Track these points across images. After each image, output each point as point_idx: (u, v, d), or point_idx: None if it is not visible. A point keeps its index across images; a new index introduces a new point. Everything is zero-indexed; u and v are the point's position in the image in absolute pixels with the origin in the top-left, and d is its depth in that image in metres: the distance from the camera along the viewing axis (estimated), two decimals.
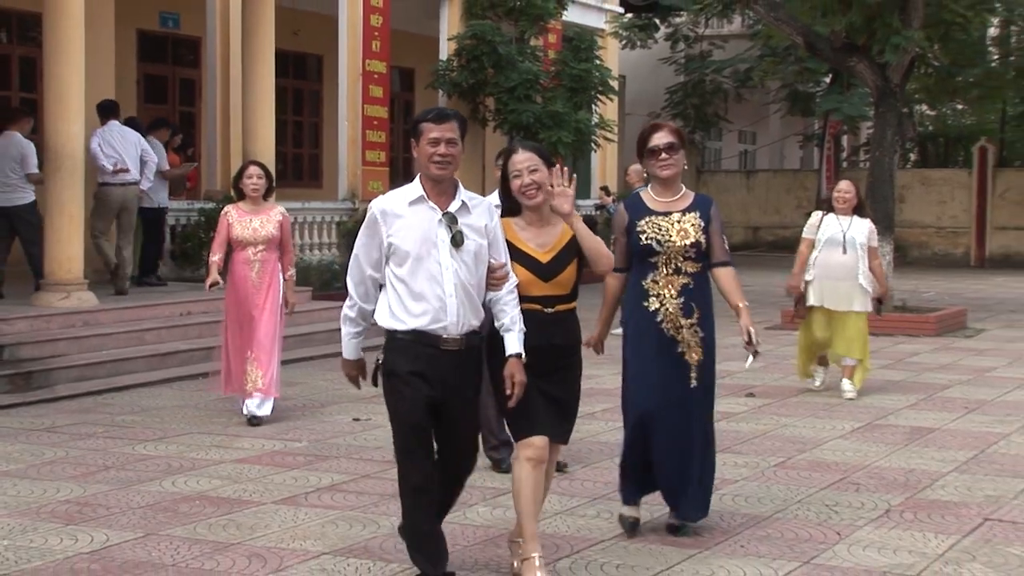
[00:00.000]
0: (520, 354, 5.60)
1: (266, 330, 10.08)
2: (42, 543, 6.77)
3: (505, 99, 21.89)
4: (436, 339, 5.53)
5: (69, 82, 13.21)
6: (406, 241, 5.53)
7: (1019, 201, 32.07)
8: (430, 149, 5.54)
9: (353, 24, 20.39)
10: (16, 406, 10.94)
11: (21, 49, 17.56)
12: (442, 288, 5.51)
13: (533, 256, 5.79)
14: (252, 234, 10.05)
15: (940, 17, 19.04)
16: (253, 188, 10.20)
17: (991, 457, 9.15)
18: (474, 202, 5.70)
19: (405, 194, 5.67)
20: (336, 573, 6.26)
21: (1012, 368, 13.92)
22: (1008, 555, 6.67)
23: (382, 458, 8.98)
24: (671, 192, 6.81)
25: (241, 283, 10.09)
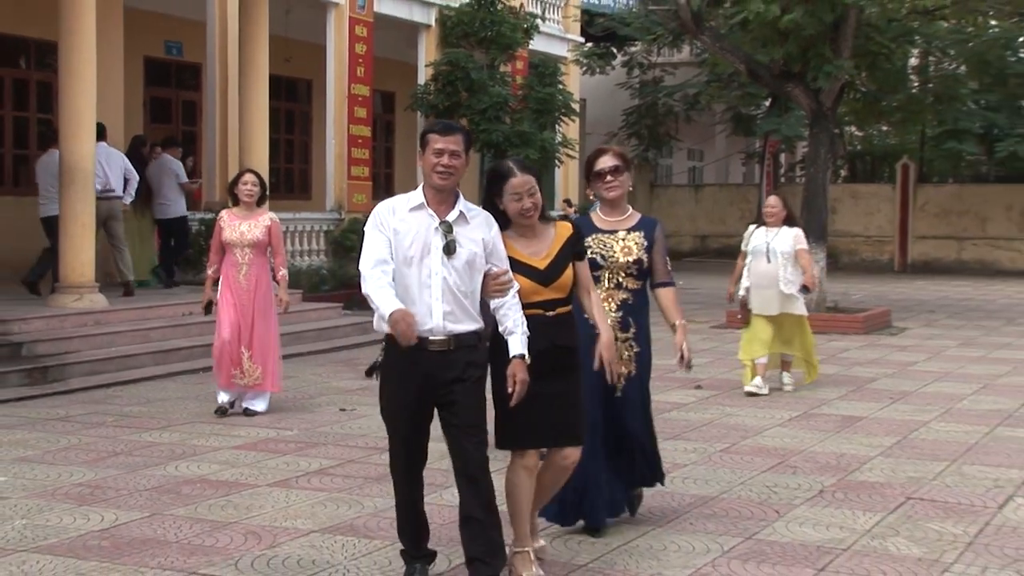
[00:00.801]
0: (523, 355, 5.36)
1: (259, 329, 9.93)
2: (57, 522, 6.75)
3: (477, 120, 21.87)
4: (422, 340, 5.26)
5: (82, 104, 13.19)
6: (403, 244, 5.36)
7: (937, 213, 32.28)
8: (434, 159, 5.33)
9: (340, 52, 20.43)
10: (33, 398, 10.91)
11: (38, 74, 17.50)
12: (430, 292, 5.32)
13: (530, 264, 5.57)
14: (239, 237, 9.86)
15: (867, 48, 19.14)
16: (247, 193, 10.01)
17: (912, 442, 9.20)
18: (472, 213, 5.45)
19: (408, 200, 5.50)
20: (324, 549, 6.25)
21: (931, 363, 14.01)
22: (927, 529, 6.72)
23: (366, 445, 8.98)
24: (618, 212, 6.62)
25: (231, 284, 9.92)
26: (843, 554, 6.25)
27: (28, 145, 17.24)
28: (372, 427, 9.70)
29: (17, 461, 8.33)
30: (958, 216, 32.10)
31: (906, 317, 19.22)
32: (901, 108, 24.56)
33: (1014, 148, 29.59)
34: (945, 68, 28.20)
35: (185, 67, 20.48)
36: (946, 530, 6.73)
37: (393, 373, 5.49)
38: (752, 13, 17.13)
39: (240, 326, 9.90)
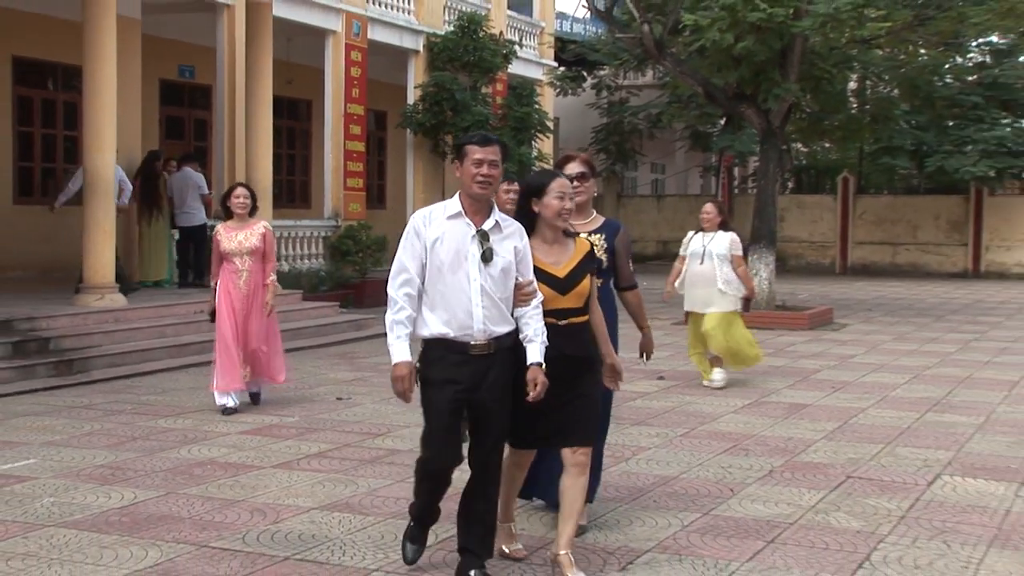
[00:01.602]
0: (540, 363, 5.09)
1: (257, 329, 9.68)
2: (82, 500, 6.74)
3: (461, 136, 21.84)
4: (464, 345, 5.03)
5: (103, 122, 13.17)
6: (441, 252, 5.07)
7: (874, 221, 32.41)
8: (474, 169, 5.05)
9: (336, 75, 20.40)
10: (60, 388, 10.88)
11: (65, 95, 17.45)
12: (469, 298, 5.03)
13: (550, 272, 5.29)
14: (237, 246, 9.59)
15: (811, 73, 19.21)
16: (240, 205, 9.71)
17: (852, 427, 9.25)
18: (506, 223, 5.19)
19: (444, 209, 5.20)
20: (323, 525, 6.25)
21: (869, 355, 14.07)
22: (865, 505, 6.76)
23: (361, 431, 8.97)
24: (582, 216, 6.24)
25: (230, 291, 9.63)
26: (790, 527, 6.28)
27: (55, 159, 17.17)
28: (366, 414, 9.70)
29: (45, 445, 8.30)
30: (892, 224, 32.24)
31: (847, 315, 19.30)
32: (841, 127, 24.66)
33: (941, 163, 29.74)
34: (880, 92, 28.34)
35: (197, 88, 20.42)
36: (881, 505, 6.77)
37: (438, 377, 5.12)
38: (709, 41, 17.18)
39: (239, 332, 9.60)
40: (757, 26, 16.91)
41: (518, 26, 26.36)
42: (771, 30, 17.11)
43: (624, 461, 7.88)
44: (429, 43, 22.56)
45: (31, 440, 8.49)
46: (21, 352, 11.42)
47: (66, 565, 5.51)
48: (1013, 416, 9.88)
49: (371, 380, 11.59)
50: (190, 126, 20.71)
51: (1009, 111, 30.74)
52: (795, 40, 17.80)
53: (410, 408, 9.83)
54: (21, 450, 8.14)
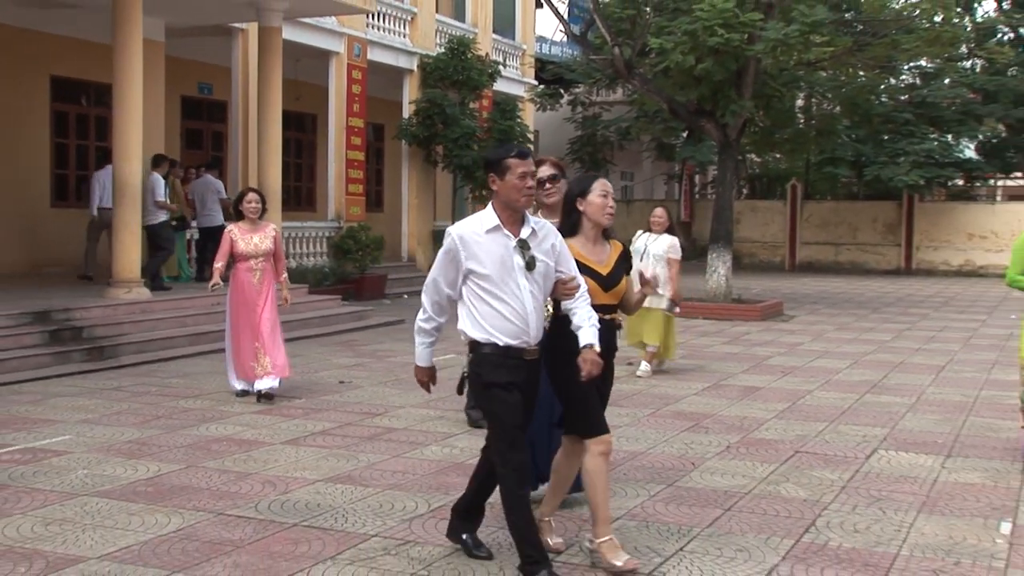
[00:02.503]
0: (593, 344, 4.79)
1: (269, 325, 9.41)
2: (112, 472, 6.73)
3: (451, 147, 21.90)
4: (521, 351, 4.73)
5: (131, 134, 13.11)
6: (486, 265, 4.70)
7: (819, 224, 32.52)
8: (519, 182, 4.71)
9: (339, 92, 20.37)
10: (92, 372, 10.86)
11: (96, 110, 17.36)
12: (523, 307, 4.71)
13: (596, 270, 5.08)
14: (253, 248, 9.30)
15: (764, 91, 19.27)
16: (252, 210, 9.36)
17: (800, 407, 9.28)
18: (539, 226, 4.87)
19: (481, 223, 4.79)
20: (328, 495, 6.24)
21: (815, 343, 14.13)
22: (811, 476, 6.79)
23: (360, 411, 8.97)
24: (555, 215, 5.83)
25: (246, 288, 9.35)
26: (745, 497, 6.31)
27: (88, 167, 17.12)
28: (366, 396, 9.70)
29: (79, 423, 8.28)
30: (835, 226, 32.35)
31: (795, 307, 19.37)
32: (790, 140, 24.72)
33: (877, 173, 29.88)
34: (824, 109, 28.42)
35: (214, 104, 20.34)
36: (825, 477, 6.80)
37: (503, 380, 4.72)
38: (672, 62, 17.22)
39: (253, 326, 9.33)
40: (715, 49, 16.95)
41: (502, 48, 26.34)
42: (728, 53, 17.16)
43: None
44: (422, 63, 22.53)
45: (67, 418, 8.47)
46: (58, 340, 11.38)
47: (98, 530, 5.51)
48: (940, 397, 9.94)
49: (370, 366, 11.59)
50: (208, 138, 20.63)
51: (936, 127, 30.92)
52: (749, 62, 17.85)
53: (405, 390, 9.89)
54: (58, 427, 8.12)
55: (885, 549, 5.35)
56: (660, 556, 5.20)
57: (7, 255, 15.41)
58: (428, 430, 8.17)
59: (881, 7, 20.29)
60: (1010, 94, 30.81)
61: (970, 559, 5.23)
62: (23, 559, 5.07)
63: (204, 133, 20.61)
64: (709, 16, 16.59)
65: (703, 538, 5.50)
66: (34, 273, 16.08)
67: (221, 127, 20.13)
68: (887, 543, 5.45)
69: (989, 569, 5.09)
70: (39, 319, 11.55)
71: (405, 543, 5.35)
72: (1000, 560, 5.22)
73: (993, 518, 5.94)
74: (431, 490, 6.35)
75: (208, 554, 5.15)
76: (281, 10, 15.75)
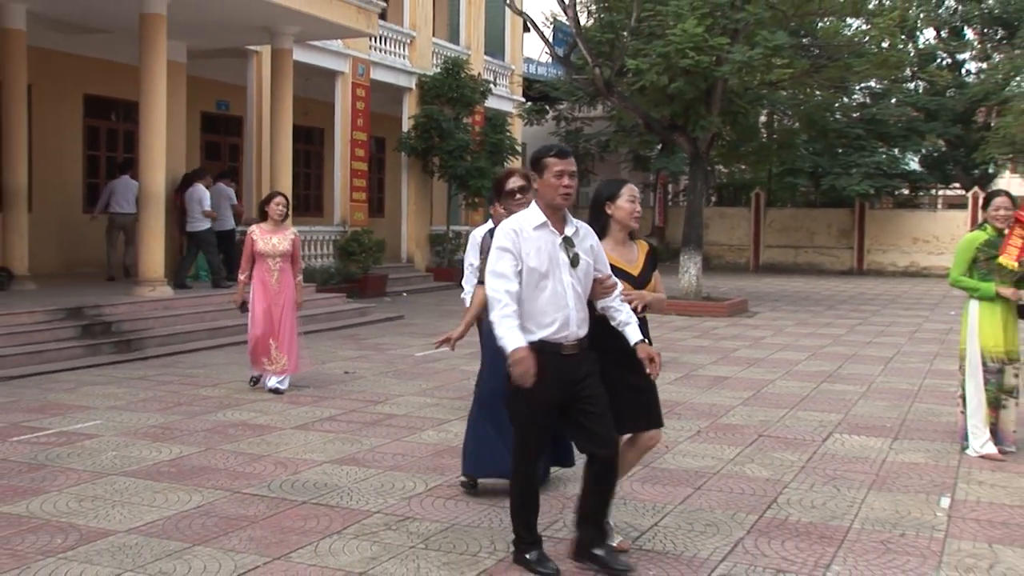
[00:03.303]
0: (644, 339, 4.58)
1: (285, 324, 9.15)
2: (138, 454, 6.72)
3: (446, 158, 21.88)
4: (558, 346, 4.38)
5: (156, 147, 13.07)
6: (534, 260, 4.39)
7: (780, 229, 32.56)
8: (555, 181, 4.42)
9: (345, 108, 20.33)
10: (120, 363, 10.84)
11: (125, 126, 17.29)
12: (565, 302, 4.40)
13: (626, 270, 4.82)
14: (272, 249, 9.01)
15: (730, 109, 19.29)
16: (279, 213, 9.07)
17: (763, 395, 9.30)
18: (580, 226, 4.59)
19: (529, 220, 4.48)
20: (334, 475, 6.24)
21: (777, 337, 14.16)
22: (773, 458, 6.81)
23: (364, 399, 8.96)
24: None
25: (265, 287, 9.12)
26: (713, 476, 6.33)
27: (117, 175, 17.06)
28: (368, 386, 9.69)
29: (108, 409, 8.26)
30: (794, 231, 32.40)
31: (758, 304, 19.41)
32: (754, 152, 24.81)
33: (832, 182, 30.02)
34: (785, 124, 28.56)
35: (231, 119, 20.27)
36: (786, 458, 6.82)
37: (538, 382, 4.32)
38: (648, 81, 17.26)
39: (270, 323, 9.10)
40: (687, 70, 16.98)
41: (493, 68, 26.31)
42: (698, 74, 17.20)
43: None
44: (420, 82, 22.50)
45: (97, 405, 8.45)
46: (89, 334, 11.34)
47: (126, 506, 5.50)
48: (888, 385, 9.98)
49: (372, 357, 11.58)
50: (225, 150, 20.56)
51: (884, 142, 31.09)
52: (717, 82, 17.88)
53: (405, 380, 9.89)
54: (89, 413, 8.10)
55: (839, 523, 5.37)
56: (637, 531, 5.21)
57: (44, 257, 15.36)
58: (425, 416, 8.17)
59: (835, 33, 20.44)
60: (949, 113, 31.16)
61: (914, 531, 5.26)
62: (59, 531, 5.07)
63: (222, 146, 20.54)
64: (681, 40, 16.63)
65: (676, 514, 5.52)
66: (68, 273, 16.04)
67: (237, 140, 20.09)
68: (841, 517, 5.47)
69: (930, 539, 5.12)
70: (72, 315, 11.51)
71: (404, 519, 5.35)
72: (940, 531, 5.26)
73: (934, 494, 5.97)
74: (428, 471, 6.35)
75: (225, 529, 5.14)
76: (292, 34, 15.74)
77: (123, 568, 4.56)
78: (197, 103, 18.39)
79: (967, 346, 6.99)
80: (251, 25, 15.23)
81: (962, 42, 33.70)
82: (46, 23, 14.44)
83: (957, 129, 31.52)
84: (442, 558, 4.74)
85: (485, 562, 4.69)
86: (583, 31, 18.74)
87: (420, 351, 11.82)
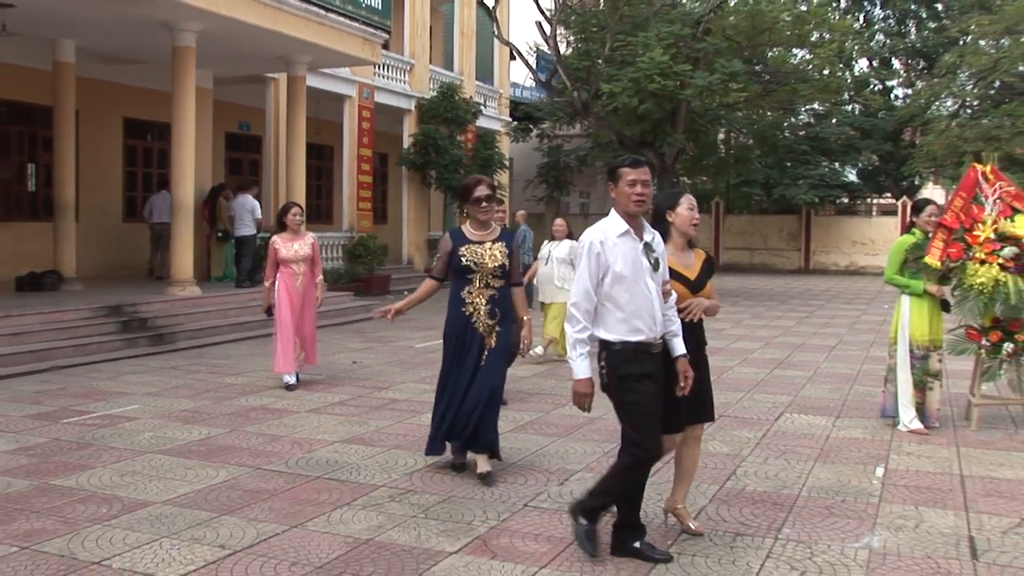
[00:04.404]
0: (687, 354, 4.31)
1: (308, 324, 8.94)
2: (170, 435, 6.71)
3: (442, 171, 21.86)
4: (649, 346, 4.14)
5: (185, 164, 13.07)
6: (621, 267, 4.10)
7: (737, 233, 32.60)
8: (628, 189, 4.14)
9: (352, 127, 20.30)
10: (155, 354, 10.84)
11: (159, 145, 17.24)
12: (652, 305, 4.13)
13: (684, 274, 4.53)
14: (294, 255, 8.72)
15: (693, 127, 19.40)
16: (296, 221, 8.78)
17: (723, 380, 9.29)
18: (655, 233, 4.32)
19: (612, 228, 4.18)
20: (344, 453, 6.24)
21: (735, 329, 14.20)
22: (732, 435, 6.84)
23: (371, 385, 8.96)
24: (485, 228, 5.61)
25: (290, 291, 8.68)
26: None
27: (151, 190, 17.07)
28: (374, 373, 9.69)
29: (145, 395, 8.25)
30: (750, 235, 32.46)
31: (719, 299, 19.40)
32: (714, 165, 24.88)
33: (783, 192, 30.23)
34: (741, 141, 28.62)
35: (251, 138, 20.22)
36: (743, 435, 6.85)
37: (636, 372, 4.12)
38: (620, 103, 17.31)
39: (295, 322, 8.81)
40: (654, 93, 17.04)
41: (483, 92, 26.29)
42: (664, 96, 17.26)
43: (560, 407, 7.90)
44: (419, 104, 22.46)
45: (135, 391, 8.44)
46: (128, 328, 11.32)
47: (162, 480, 5.49)
48: (832, 370, 10.03)
49: (377, 349, 11.58)
50: (246, 165, 20.49)
51: (827, 156, 31.35)
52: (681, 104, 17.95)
53: (406, 367, 9.89)
54: (129, 398, 8.09)
55: (789, 491, 5.40)
56: None
57: (89, 261, 15.33)
58: (425, 400, 8.17)
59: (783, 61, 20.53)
60: (881, 132, 31.53)
61: (853, 497, 5.30)
62: (105, 502, 5.09)
63: (243, 162, 20.48)
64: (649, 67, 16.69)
65: (648, 486, 5.49)
66: (110, 275, 16.02)
67: (257, 156, 20.05)
68: (791, 486, 5.51)
69: (867, 504, 5.16)
70: (113, 312, 11.48)
71: (407, 492, 5.36)
72: (875, 497, 5.30)
73: (871, 465, 6.01)
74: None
75: (248, 500, 5.14)
76: (305, 63, 15.72)
77: (160, 535, 4.57)
78: (222, 124, 18.36)
79: (898, 335, 7.05)
80: (269, 55, 15.21)
81: (890, 71, 34.18)
82: (92, 56, 14.50)
83: (888, 146, 31.85)
84: (440, 526, 4.75)
85: (478, 529, 4.71)
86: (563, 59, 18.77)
87: (420, 343, 11.83)
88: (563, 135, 33.43)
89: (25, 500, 5.14)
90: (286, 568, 4.16)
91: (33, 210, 15.14)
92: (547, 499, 5.21)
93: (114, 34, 13.35)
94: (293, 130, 15.89)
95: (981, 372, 7.19)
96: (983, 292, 6.78)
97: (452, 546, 4.45)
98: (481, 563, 4.24)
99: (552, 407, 7.78)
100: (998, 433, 7.01)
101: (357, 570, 4.14)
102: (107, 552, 4.35)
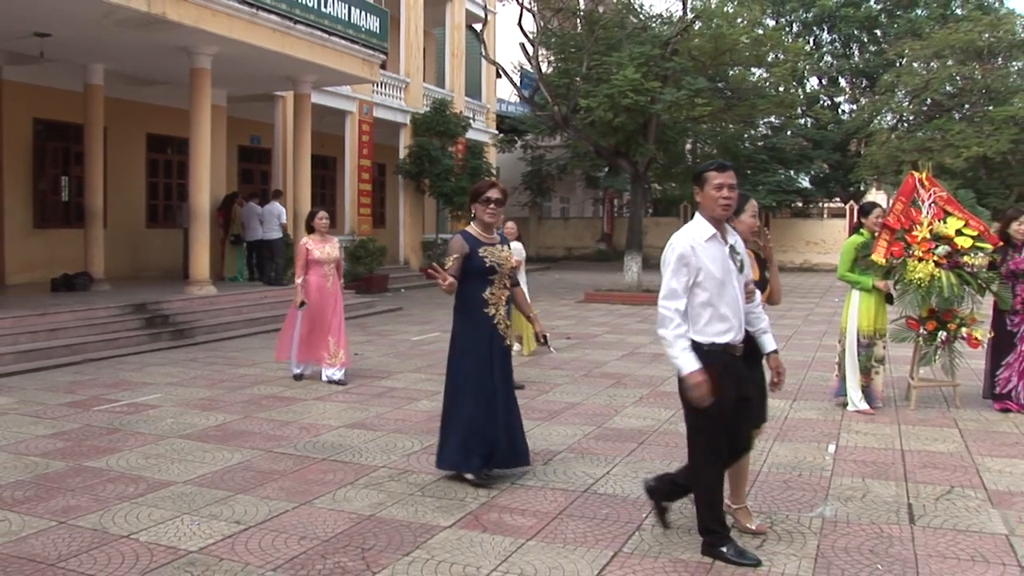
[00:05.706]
0: (777, 350, 4.06)
1: (339, 322, 8.55)
2: (190, 421, 6.69)
3: (435, 180, 21.80)
4: (734, 347, 3.86)
5: (202, 175, 12.95)
6: (713, 270, 3.81)
7: None
8: (715, 193, 3.83)
9: (353, 141, 20.23)
10: (175, 348, 10.79)
11: (178, 157, 17.11)
12: (738, 307, 3.87)
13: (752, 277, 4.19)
14: (326, 256, 8.41)
15: (663, 138, 19.41)
16: (324, 225, 8.45)
17: None
18: (737, 235, 4.05)
19: (699, 232, 3.87)
20: (348, 437, 6.23)
21: None
22: None
23: (371, 375, 8.94)
24: (490, 231, 5.18)
25: (319, 290, 8.36)
26: (653, 434, 6.35)
27: (171, 198, 16.99)
28: (374, 364, 9.66)
29: (167, 385, 8.21)
30: None
31: None
32: (682, 173, 24.92)
33: None
34: (706, 151, 28.69)
35: (262, 151, 20.09)
36: None
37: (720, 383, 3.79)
38: (597, 117, 17.31)
39: (323, 322, 8.36)
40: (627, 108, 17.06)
41: (472, 107, 26.24)
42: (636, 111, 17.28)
43: (545, 393, 7.92)
44: (413, 119, 22.40)
45: (158, 381, 8.40)
46: (151, 324, 11.26)
47: (183, 462, 5.48)
48: (788, 357, 10.01)
49: (377, 342, 11.55)
50: (257, 176, 20.36)
51: (783, 165, 31.45)
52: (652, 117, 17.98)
53: (403, 359, 9.87)
54: (152, 388, 8.06)
55: (752, 467, 5.40)
56: (592, 479, 5.24)
57: (116, 263, 15.33)
58: (421, 388, 8.18)
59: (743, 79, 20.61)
60: (830, 143, 31.84)
61: (808, 471, 5.33)
62: (132, 482, 5.08)
63: (254, 172, 20.35)
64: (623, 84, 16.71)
65: (623, 464, 5.56)
66: (135, 276, 15.93)
67: (267, 167, 19.91)
68: (753, 463, 5.49)
69: (820, 477, 5.20)
70: (138, 309, 11.42)
71: (405, 472, 5.36)
72: (827, 471, 5.34)
73: (823, 443, 6.05)
74: (423, 433, 6.35)
75: (261, 480, 5.14)
76: (310, 82, 15.67)
77: (182, 511, 4.56)
78: (235, 138, 18.24)
79: (847, 326, 7.11)
80: (278, 75, 15.15)
81: (838, 88, 34.56)
82: (119, 78, 14.54)
83: (836, 156, 32.13)
84: (436, 503, 4.75)
85: (470, 506, 4.71)
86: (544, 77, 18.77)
87: (416, 336, 11.81)
88: (545, 146, 33.43)
89: (61, 480, 5.13)
90: (296, 542, 4.17)
91: (66, 218, 15.10)
92: (533, 477, 5.22)
93: (139, 58, 13.35)
94: (299, 143, 15.84)
95: (919, 358, 7.26)
96: (921, 286, 6.85)
97: (446, 521, 4.46)
98: (473, 536, 4.25)
99: (537, 393, 7.79)
100: (933, 412, 7.07)
101: (360, 543, 4.15)
102: (134, 527, 4.34)
